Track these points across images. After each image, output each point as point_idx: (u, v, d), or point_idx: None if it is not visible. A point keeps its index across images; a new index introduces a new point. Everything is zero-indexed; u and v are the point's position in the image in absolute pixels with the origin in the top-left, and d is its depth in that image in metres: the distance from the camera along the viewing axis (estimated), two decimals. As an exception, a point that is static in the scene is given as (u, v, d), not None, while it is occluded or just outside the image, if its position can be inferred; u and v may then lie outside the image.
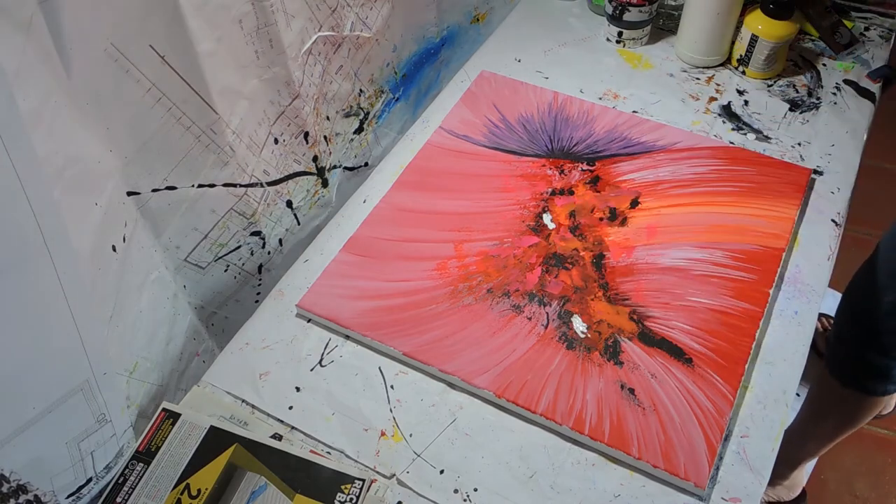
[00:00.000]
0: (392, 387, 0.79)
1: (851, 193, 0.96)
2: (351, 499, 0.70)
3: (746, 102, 1.06)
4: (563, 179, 0.96)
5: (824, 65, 1.11)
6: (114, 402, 0.70)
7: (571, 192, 0.95)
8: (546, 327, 0.81)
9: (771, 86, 1.09)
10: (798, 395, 1.16)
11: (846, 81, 1.09)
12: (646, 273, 0.85)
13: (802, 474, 1.36)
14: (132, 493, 0.70)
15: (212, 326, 0.92)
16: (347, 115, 1.00)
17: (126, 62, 0.65)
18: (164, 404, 0.76)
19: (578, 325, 0.81)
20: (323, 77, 0.91)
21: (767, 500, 1.35)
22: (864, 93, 1.07)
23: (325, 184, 0.99)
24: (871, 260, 1.06)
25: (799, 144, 1.00)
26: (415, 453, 0.74)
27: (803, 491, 1.39)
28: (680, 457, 0.71)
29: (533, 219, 0.92)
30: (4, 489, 0.60)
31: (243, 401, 0.78)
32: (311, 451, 0.73)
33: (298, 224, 0.98)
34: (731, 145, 0.99)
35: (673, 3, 1.18)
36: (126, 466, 0.71)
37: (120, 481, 0.71)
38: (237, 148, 0.80)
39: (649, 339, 0.80)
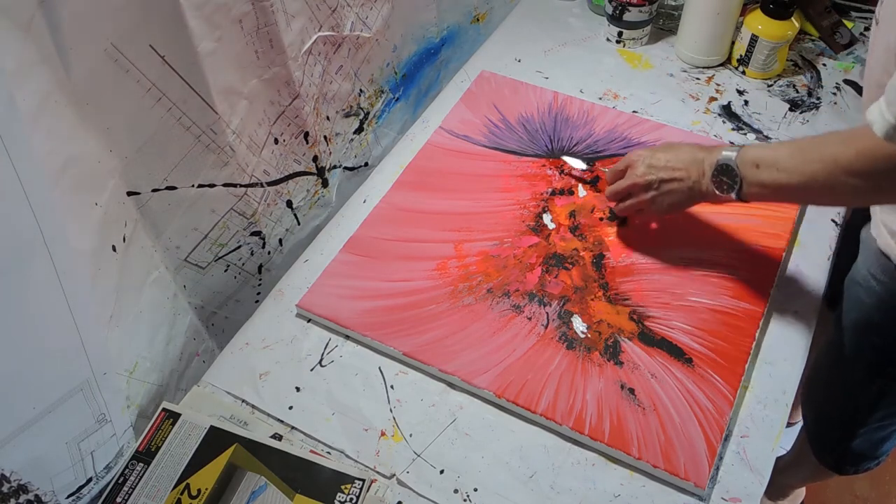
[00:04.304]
0: (392, 387, 0.79)
1: (851, 193, 0.95)
2: (351, 499, 0.70)
3: (746, 102, 1.06)
4: (563, 179, 0.96)
5: (824, 65, 1.11)
6: (114, 402, 0.70)
7: (571, 192, 0.95)
8: (546, 327, 0.81)
9: (771, 86, 1.09)
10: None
11: (846, 81, 1.09)
12: (646, 273, 0.85)
13: (803, 490, 1.37)
14: (132, 493, 0.70)
15: (212, 326, 0.91)
16: (347, 115, 1.00)
17: (126, 62, 0.65)
18: (164, 404, 0.76)
19: (578, 325, 0.81)
20: (323, 77, 0.91)
21: None
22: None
23: (325, 184, 0.99)
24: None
25: (799, 144, 1.00)
26: (415, 453, 0.74)
27: (803, 502, 1.39)
28: (680, 457, 0.71)
29: (533, 219, 0.92)
30: (5, 489, 0.60)
31: (243, 401, 0.78)
32: (311, 451, 0.73)
33: (298, 224, 0.97)
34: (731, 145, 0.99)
35: (673, 3, 1.18)
36: (126, 466, 0.71)
37: (120, 481, 0.71)
38: (237, 148, 0.80)
39: (649, 339, 0.80)
